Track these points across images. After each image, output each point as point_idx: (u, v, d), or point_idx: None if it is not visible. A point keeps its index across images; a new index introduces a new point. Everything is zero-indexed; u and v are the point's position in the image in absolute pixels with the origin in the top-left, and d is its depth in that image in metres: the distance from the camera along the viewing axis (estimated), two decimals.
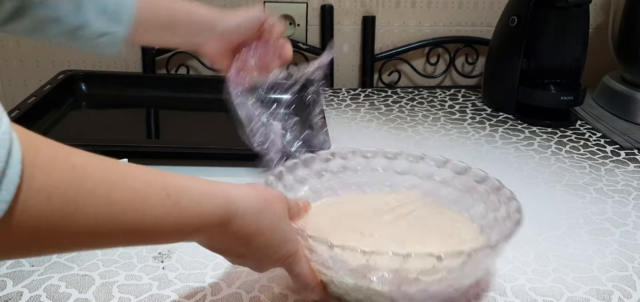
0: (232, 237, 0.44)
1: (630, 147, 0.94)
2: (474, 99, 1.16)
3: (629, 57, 1.09)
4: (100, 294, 0.56)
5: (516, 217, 0.55)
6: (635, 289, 0.59)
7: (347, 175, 0.67)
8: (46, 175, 0.31)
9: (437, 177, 0.66)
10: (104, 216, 0.34)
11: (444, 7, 1.22)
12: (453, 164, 0.65)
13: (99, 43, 0.64)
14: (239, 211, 0.44)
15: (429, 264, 0.47)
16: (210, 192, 0.42)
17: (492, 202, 0.60)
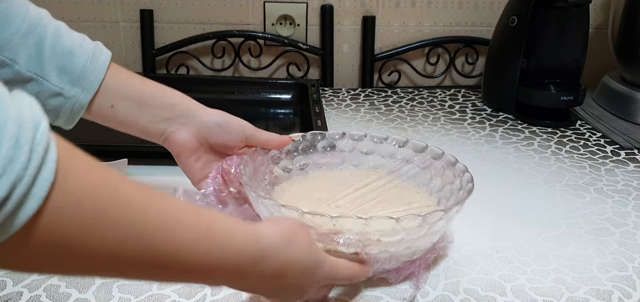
0: (268, 274, 0.43)
1: (630, 147, 0.94)
2: (474, 99, 1.16)
3: (629, 57, 1.09)
4: (100, 294, 0.56)
5: (468, 186, 0.61)
6: (635, 289, 0.59)
7: (316, 156, 0.72)
8: (81, 179, 0.31)
9: (398, 156, 0.72)
10: (134, 233, 0.33)
11: (444, 7, 1.22)
12: (412, 143, 0.71)
13: (50, 104, 0.56)
14: (270, 246, 0.43)
15: (389, 226, 0.53)
16: (242, 229, 0.41)
17: (447, 176, 0.66)
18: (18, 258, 0.31)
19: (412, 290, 0.57)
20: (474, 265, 0.62)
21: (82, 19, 1.16)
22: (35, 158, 0.28)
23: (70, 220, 0.30)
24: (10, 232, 0.28)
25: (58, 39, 0.56)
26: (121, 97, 0.59)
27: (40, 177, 0.29)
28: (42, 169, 0.29)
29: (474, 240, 0.66)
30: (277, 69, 1.24)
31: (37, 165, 0.28)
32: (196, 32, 1.18)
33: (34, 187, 0.28)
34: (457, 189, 0.63)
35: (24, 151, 0.28)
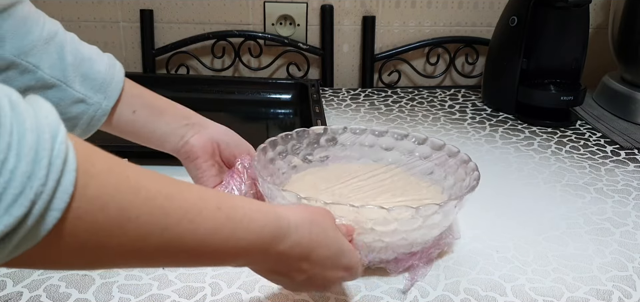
0: (291, 254, 0.43)
1: (630, 147, 0.94)
2: (474, 99, 1.16)
3: (629, 57, 1.09)
4: (100, 294, 0.56)
5: (472, 184, 0.62)
6: (635, 289, 0.59)
7: (336, 149, 0.75)
8: (101, 184, 0.31)
9: (416, 153, 0.73)
10: (158, 227, 0.34)
11: (444, 7, 1.22)
12: (431, 141, 0.72)
13: (72, 111, 0.55)
14: (291, 226, 0.43)
15: (380, 215, 0.54)
16: (261, 209, 0.42)
17: (459, 174, 0.67)
18: (42, 260, 0.31)
19: (407, 282, 0.58)
20: (474, 265, 0.62)
21: (82, 19, 1.16)
22: (54, 171, 0.28)
23: (93, 224, 0.31)
24: (32, 243, 0.29)
25: (76, 47, 0.56)
26: (141, 105, 0.60)
27: (59, 189, 0.29)
28: (61, 181, 0.29)
29: (474, 240, 0.66)
30: (277, 69, 1.24)
31: (56, 178, 0.28)
32: (196, 32, 1.18)
33: (54, 200, 0.28)
34: (466, 187, 0.64)
35: (42, 165, 0.28)
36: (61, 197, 0.29)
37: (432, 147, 0.72)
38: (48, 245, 0.29)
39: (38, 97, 0.30)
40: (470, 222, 0.69)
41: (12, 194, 0.27)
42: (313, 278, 0.47)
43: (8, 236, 0.27)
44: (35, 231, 0.28)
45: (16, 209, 0.27)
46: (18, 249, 0.28)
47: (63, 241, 0.30)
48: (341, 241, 0.48)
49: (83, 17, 1.16)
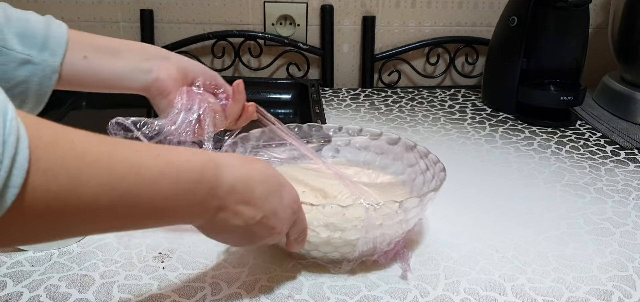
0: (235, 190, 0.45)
1: (630, 147, 0.94)
2: (474, 99, 1.16)
3: (629, 57, 1.09)
4: (100, 294, 0.55)
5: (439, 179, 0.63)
6: (635, 289, 0.59)
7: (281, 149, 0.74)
8: (51, 155, 0.32)
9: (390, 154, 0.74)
10: (106, 186, 0.35)
11: (444, 7, 1.22)
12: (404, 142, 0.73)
13: (19, 75, 0.52)
14: (227, 163, 0.45)
15: (392, 210, 0.56)
16: (197, 152, 0.44)
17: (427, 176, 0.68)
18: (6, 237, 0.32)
19: (403, 269, 0.60)
20: (474, 265, 0.62)
21: (82, 19, 1.16)
22: (9, 148, 0.29)
23: (47, 194, 0.32)
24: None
25: (7, 10, 0.53)
26: (92, 48, 0.57)
27: (15, 166, 0.29)
28: (16, 158, 0.29)
29: (474, 240, 0.66)
30: (277, 69, 1.24)
31: (11, 155, 0.29)
32: (196, 32, 1.18)
33: (11, 178, 0.29)
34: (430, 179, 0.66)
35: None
36: (17, 174, 0.30)
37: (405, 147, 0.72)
38: (9, 221, 0.30)
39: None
40: (470, 222, 0.69)
41: None
42: (264, 222, 0.48)
43: None
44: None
45: None
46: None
47: (23, 216, 0.31)
48: (279, 177, 0.50)
49: (83, 17, 1.16)
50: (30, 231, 0.34)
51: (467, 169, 0.85)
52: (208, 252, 0.62)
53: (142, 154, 0.39)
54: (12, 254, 0.61)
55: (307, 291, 0.57)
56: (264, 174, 0.48)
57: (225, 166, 0.45)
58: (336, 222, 0.56)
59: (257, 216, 0.48)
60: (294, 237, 0.55)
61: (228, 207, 0.45)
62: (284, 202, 0.50)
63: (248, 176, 0.47)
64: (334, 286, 0.57)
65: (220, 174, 0.44)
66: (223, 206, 0.45)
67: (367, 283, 0.58)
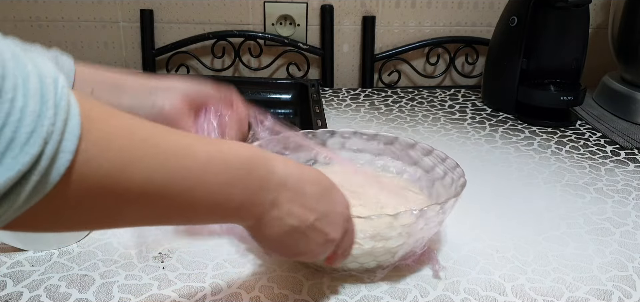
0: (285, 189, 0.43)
1: (630, 147, 0.94)
2: (474, 99, 1.16)
3: (629, 57, 1.09)
4: (100, 294, 0.56)
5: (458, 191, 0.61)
6: (635, 289, 0.59)
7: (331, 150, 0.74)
8: (102, 127, 0.32)
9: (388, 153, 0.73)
10: (158, 166, 0.34)
11: (444, 7, 1.22)
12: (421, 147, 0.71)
13: None
14: (276, 157, 0.44)
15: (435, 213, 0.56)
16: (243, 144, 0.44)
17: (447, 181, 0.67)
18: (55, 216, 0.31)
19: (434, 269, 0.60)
20: (474, 265, 0.62)
21: (82, 19, 1.16)
22: (61, 112, 0.28)
23: (99, 169, 0.31)
24: (45, 190, 0.29)
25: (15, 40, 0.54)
26: (98, 83, 0.57)
27: (67, 130, 0.29)
28: (68, 123, 0.29)
29: (474, 240, 0.66)
30: (277, 69, 1.24)
31: (64, 118, 0.29)
32: (196, 32, 1.18)
33: (63, 141, 0.29)
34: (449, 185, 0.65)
35: (49, 106, 0.28)
36: (70, 139, 0.29)
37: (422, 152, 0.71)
38: (59, 194, 0.29)
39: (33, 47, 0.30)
40: (470, 223, 0.69)
41: (25, 132, 0.27)
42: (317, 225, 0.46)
43: (24, 179, 0.27)
44: (48, 175, 0.28)
45: (30, 147, 0.27)
46: (32, 197, 0.28)
47: (73, 188, 0.30)
48: (329, 180, 0.48)
49: (83, 17, 1.16)
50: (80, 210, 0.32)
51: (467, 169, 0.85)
52: (208, 252, 0.62)
53: (191, 139, 0.38)
54: (12, 254, 0.61)
55: (307, 291, 0.57)
56: (314, 176, 0.46)
57: (275, 159, 0.44)
58: (382, 231, 0.54)
59: (310, 217, 0.45)
60: (341, 250, 0.51)
61: (281, 204, 0.43)
62: (336, 208, 0.48)
63: (299, 174, 0.45)
64: (334, 286, 0.57)
65: (271, 166, 0.43)
66: (276, 202, 0.43)
67: (367, 283, 0.58)
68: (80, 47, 1.18)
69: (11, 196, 0.27)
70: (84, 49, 1.18)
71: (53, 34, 1.16)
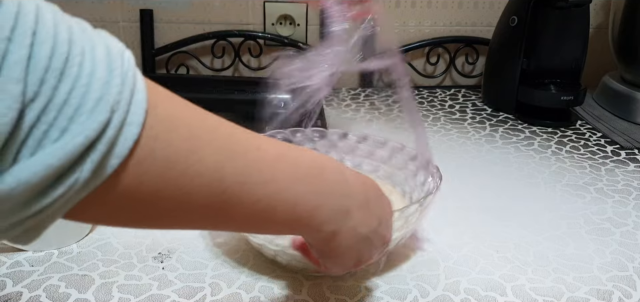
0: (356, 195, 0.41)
1: (630, 147, 0.94)
2: (474, 99, 1.16)
3: (629, 57, 1.09)
4: (100, 294, 0.55)
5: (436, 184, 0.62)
6: (635, 289, 0.59)
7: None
8: (170, 106, 0.30)
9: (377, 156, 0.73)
10: (229, 153, 0.33)
11: (444, 7, 1.22)
12: (392, 145, 0.72)
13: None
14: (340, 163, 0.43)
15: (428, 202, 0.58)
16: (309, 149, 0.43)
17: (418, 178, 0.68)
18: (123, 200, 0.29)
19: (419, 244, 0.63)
20: (474, 265, 0.62)
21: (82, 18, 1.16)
22: (128, 82, 0.27)
23: (168, 147, 0.29)
24: (113, 164, 0.27)
25: None
26: None
27: (134, 101, 0.28)
28: (135, 94, 0.28)
29: (474, 240, 0.66)
30: None
31: (131, 89, 0.27)
32: (196, 32, 1.18)
33: (130, 113, 0.27)
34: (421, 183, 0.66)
35: (116, 75, 0.27)
36: (137, 111, 0.28)
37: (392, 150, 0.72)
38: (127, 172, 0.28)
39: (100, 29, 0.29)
40: (470, 222, 0.69)
41: (93, 98, 0.26)
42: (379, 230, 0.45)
43: (91, 147, 0.26)
44: (115, 147, 0.27)
45: (98, 114, 0.26)
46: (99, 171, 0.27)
47: (142, 167, 0.28)
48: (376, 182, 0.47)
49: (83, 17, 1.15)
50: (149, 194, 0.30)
51: (467, 169, 0.85)
52: (208, 252, 0.62)
53: (258, 136, 0.36)
54: (12, 254, 0.61)
55: (307, 291, 0.57)
56: (370, 180, 0.45)
57: (343, 166, 0.42)
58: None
59: (374, 223, 0.44)
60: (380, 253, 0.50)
61: (353, 212, 0.41)
62: (386, 209, 0.47)
63: (362, 181, 0.43)
64: (334, 286, 0.57)
65: (343, 170, 0.41)
66: (350, 211, 0.41)
67: (367, 283, 0.58)
68: None
69: (78, 166, 0.26)
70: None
71: None
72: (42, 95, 0.24)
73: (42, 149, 0.25)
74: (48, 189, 0.26)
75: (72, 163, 0.26)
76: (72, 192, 0.26)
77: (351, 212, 0.41)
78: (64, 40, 0.26)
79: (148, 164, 0.28)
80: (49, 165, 0.25)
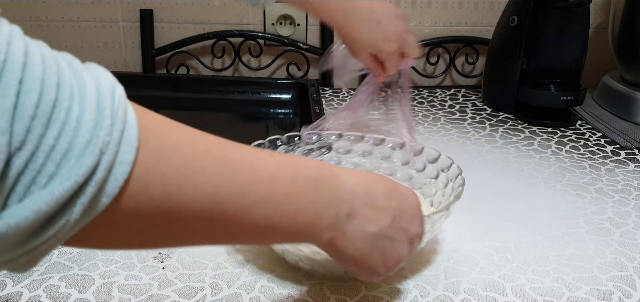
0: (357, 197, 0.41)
1: (630, 147, 0.94)
2: (474, 99, 1.16)
3: (629, 57, 1.09)
4: (100, 294, 0.55)
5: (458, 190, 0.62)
6: (635, 289, 0.59)
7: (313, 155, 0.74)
8: (161, 137, 0.31)
9: (395, 159, 0.74)
10: (224, 177, 0.33)
11: (444, 7, 1.22)
12: (409, 147, 0.73)
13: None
14: (339, 168, 0.43)
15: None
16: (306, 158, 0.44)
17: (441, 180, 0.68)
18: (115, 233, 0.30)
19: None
20: (474, 265, 0.62)
21: (82, 18, 1.16)
22: (118, 122, 0.28)
23: (162, 179, 0.30)
24: (104, 203, 0.28)
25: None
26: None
27: (124, 140, 0.28)
28: (124, 133, 0.28)
29: (474, 240, 0.66)
30: (277, 69, 1.24)
31: (120, 128, 0.28)
32: (196, 32, 1.18)
33: (120, 152, 0.28)
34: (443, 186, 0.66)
35: (106, 115, 0.27)
36: (127, 149, 0.28)
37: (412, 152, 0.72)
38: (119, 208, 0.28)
39: (91, 63, 0.29)
40: (470, 222, 0.69)
41: (81, 142, 0.26)
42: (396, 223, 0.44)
43: (80, 191, 0.26)
44: (105, 187, 0.27)
45: (86, 158, 0.26)
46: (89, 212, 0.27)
47: (134, 201, 0.29)
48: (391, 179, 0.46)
49: (83, 17, 1.16)
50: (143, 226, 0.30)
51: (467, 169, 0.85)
52: (208, 252, 0.62)
53: (254, 151, 0.37)
54: None
55: (307, 291, 0.57)
56: (378, 177, 0.45)
57: (340, 170, 0.42)
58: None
59: (387, 218, 0.43)
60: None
61: (357, 212, 0.41)
62: (408, 201, 0.46)
63: (365, 179, 0.43)
64: (334, 286, 0.57)
65: (339, 176, 0.41)
66: (353, 212, 0.41)
67: (367, 283, 0.58)
68: (80, 47, 1.18)
69: (68, 209, 0.27)
70: (84, 49, 1.18)
71: (53, 34, 1.16)
72: (29, 143, 0.24)
73: (30, 194, 0.25)
74: (39, 231, 0.26)
75: (62, 206, 0.26)
76: (63, 232, 0.27)
77: (354, 213, 0.41)
78: (52, 86, 0.25)
79: (141, 197, 0.29)
80: (37, 210, 0.25)
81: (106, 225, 0.29)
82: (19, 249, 0.27)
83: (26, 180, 0.25)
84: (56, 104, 0.25)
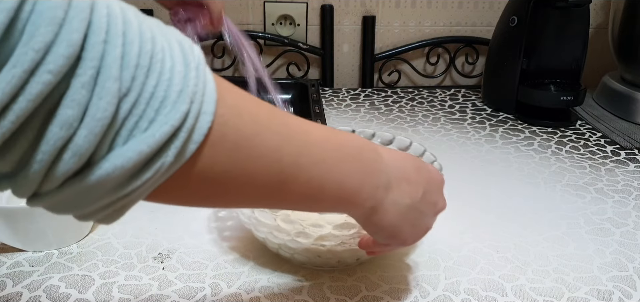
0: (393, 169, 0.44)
1: (630, 147, 0.94)
2: (474, 99, 1.16)
3: (629, 57, 1.09)
4: (100, 294, 0.55)
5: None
6: (635, 289, 0.59)
7: None
8: (234, 95, 0.33)
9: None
10: (286, 137, 0.36)
11: (444, 7, 1.22)
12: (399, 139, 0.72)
13: None
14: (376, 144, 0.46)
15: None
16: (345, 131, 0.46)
17: None
18: (197, 182, 0.32)
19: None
20: (474, 265, 0.62)
21: None
22: (201, 75, 0.30)
23: (236, 132, 0.32)
24: (191, 149, 0.30)
25: None
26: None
27: (207, 92, 0.30)
28: (206, 86, 0.30)
29: (474, 240, 0.66)
30: (277, 69, 1.24)
31: (203, 81, 0.30)
32: None
33: (204, 103, 0.30)
34: None
35: (191, 68, 0.30)
36: (209, 101, 0.30)
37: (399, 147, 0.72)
38: (203, 156, 0.31)
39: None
40: (470, 223, 0.69)
41: (175, 91, 0.28)
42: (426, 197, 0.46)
43: (174, 136, 0.29)
44: (193, 134, 0.30)
45: (180, 104, 0.28)
46: (179, 158, 0.29)
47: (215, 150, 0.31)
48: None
49: None
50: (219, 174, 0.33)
51: (467, 169, 0.85)
52: (208, 252, 0.62)
53: (304, 120, 0.39)
54: (12, 254, 0.61)
55: (307, 291, 0.57)
56: (404, 153, 0.48)
57: (377, 145, 0.45)
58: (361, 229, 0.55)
59: (419, 191, 0.45)
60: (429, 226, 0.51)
61: (393, 186, 0.43)
62: (433, 175, 0.48)
63: (399, 155, 0.46)
64: (334, 286, 0.57)
65: (378, 149, 0.43)
66: (390, 185, 0.43)
67: (368, 283, 0.58)
68: None
69: (164, 152, 0.29)
70: None
71: None
72: (134, 90, 0.27)
73: (133, 138, 0.28)
74: (138, 173, 0.29)
75: (159, 149, 0.29)
76: (158, 175, 0.29)
77: (391, 186, 0.43)
78: (148, 39, 0.28)
79: (219, 147, 0.32)
80: (140, 151, 0.28)
81: (188, 175, 0.31)
82: (118, 192, 0.29)
83: (130, 124, 0.27)
84: (153, 55, 0.28)
